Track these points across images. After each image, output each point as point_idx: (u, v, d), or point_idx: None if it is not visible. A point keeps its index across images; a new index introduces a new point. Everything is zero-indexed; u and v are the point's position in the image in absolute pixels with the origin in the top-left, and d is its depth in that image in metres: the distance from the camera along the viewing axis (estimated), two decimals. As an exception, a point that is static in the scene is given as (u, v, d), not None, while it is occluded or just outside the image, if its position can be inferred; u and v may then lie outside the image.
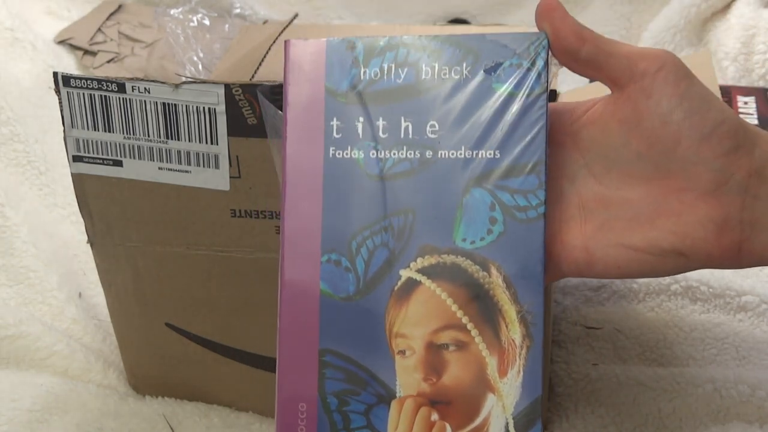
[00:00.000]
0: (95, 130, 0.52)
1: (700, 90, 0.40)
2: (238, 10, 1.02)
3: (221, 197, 0.53)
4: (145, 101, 0.51)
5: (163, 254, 0.57)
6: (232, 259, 0.56)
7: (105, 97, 0.51)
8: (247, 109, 0.49)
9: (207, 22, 0.98)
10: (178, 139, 0.51)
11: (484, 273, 0.41)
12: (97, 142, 0.53)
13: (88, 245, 0.58)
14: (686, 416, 0.60)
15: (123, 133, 0.52)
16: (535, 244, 0.41)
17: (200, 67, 0.91)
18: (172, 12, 1.01)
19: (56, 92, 0.52)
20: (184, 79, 0.52)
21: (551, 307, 0.60)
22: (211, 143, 0.51)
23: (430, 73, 0.42)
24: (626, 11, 1.07)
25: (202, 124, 0.51)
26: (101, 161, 0.53)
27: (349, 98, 0.42)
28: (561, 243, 0.42)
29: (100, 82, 0.51)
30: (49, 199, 0.81)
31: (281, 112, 0.46)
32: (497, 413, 0.41)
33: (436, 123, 0.42)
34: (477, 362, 0.41)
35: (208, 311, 0.59)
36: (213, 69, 0.90)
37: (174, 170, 0.53)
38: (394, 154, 0.42)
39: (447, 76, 0.42)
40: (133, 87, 0.50)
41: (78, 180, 0.54)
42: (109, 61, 0.96)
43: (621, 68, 0.40)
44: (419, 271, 0.42)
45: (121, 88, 0.51)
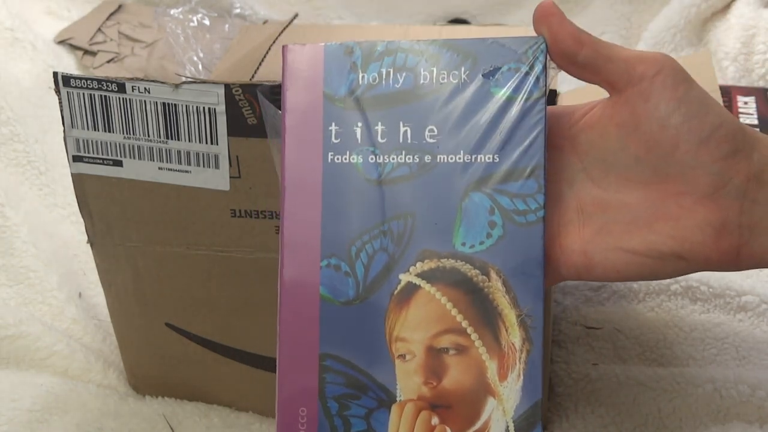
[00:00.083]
0: (95, 130, 0.52)
1: (699, 93, 0.40)
2: (238, 10, 1.02)
3: (221, 197, 0.53)
4: (145, 101, 0.51)
5: (163, 254, 0.57)
6: (232, 259, 0.56)
7: (105, 97, 0.51)
8: (247, 109, 0.49)
9: (207, 22, 0.98)
10: (178, 139, 0.51)
11: (484, 277, 0.41)
12: (97, 142, 0.53)
13: (88, 245, 0.58)
14: (686, 416, 0.60)
15: (123, 133, 0.52)
16: (534, 248, 0.41)
17: (200, 67, 0.91)
18: (172, 12, 1.01)
19: (56, 92, 0.52)
20: (184, 79, 0.52)
21: (551, 307, 0.60)
22: (211, 143, 0.51)
23: (428, 78, 0.42)
24: (626, 11, 1.07)
25: (202, 124, 0.51)
26: (101, 161, 0.53)
27: (348, 103, 0.42)
28: (560, 247, 0.42)
29: (100, 82, 0.51)
30: (49, 199, 0.81)
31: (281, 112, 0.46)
32: (497, 417, 0.41)
33: (434, 127, 0.42)
34: (477, 366, 0.41)
35: (208, 311, 0.59)
36: (213, 69, 0.90)
37: (174, 170, 0.53)
38: (393, 158, 0.42)
39: (445, 80, 0.42)
40: (133, 87, 0.50)
41: (78, 180, 0.54)
42: (109, 61, 0.96)
43: (619, 72, 0.40)
44: (419, 275, 0.41)
45: (121, 88, 0.51)
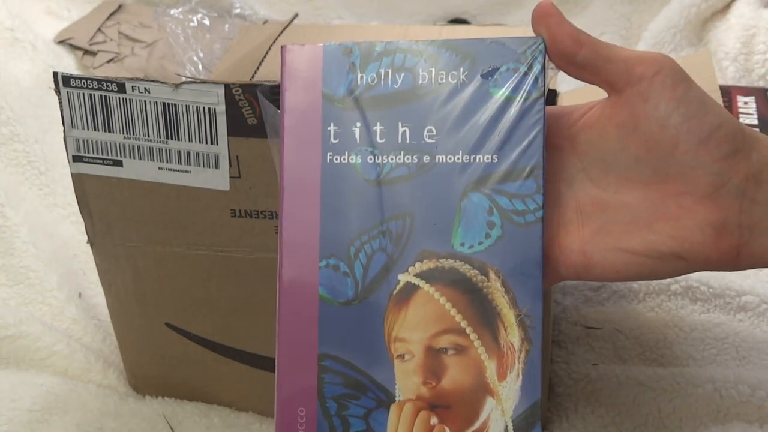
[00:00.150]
0: (95, 130, 0.52)
1: (698, 93, 0.40)
2: (238, 10, 1.02)
3: (221, 197, 0.53)
4: (145, 101, 0.51)
5: (163, 254, 0.57)
6: (232, 259, 0.56)
7: (105, 97, 0.51)
8: (247, 109, 0.49)
9: (207, 22, 0.98)
10: (178, 139, 0.51)
11: (483, 277, 0.41)
12: (97, 142, 0.53)
13: (88, 245, 0.58)
14: (686, 416, 0.60)
15: (123, 133, 0.52)
16: (533, 248, 0.41)
17: (200, 67, 0.91)
18: (172, 12, 1.01)
19: (56, 92, 0.52)
20: (184, 79, 0.52)
21: (551, 307, 0.60)
22: (211, 143, 0.51)
23: (427, 78, 0.42)
24: (626, 11, 1.07)
25: (202, 124, 0.51)
26: (101, 161, 0.53)
27: (346, 104, 0.42)
28: (559, 247, 0.42)
29: (100, 82, 0.51)
30: (49, 199, 0.81)
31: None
32: (496, 417, 0.41)
33: (433, 128, 0.42)
34: (476, 366, 0.41)
35: (208, 311, 0.59)
36: (213, 69, 0.90)
37: (174, 170, 0.53)
38: (392, 159, 0.42)
39: (444, 80, 0.42)
40: (133, 87, 0.50)
41: (78, 180, 0.54)
42: (109, 61, 0.96)
43: (618, 72, 0.40)
44: (418, 275, 0.41)
45: (121, 88, 0.51)
